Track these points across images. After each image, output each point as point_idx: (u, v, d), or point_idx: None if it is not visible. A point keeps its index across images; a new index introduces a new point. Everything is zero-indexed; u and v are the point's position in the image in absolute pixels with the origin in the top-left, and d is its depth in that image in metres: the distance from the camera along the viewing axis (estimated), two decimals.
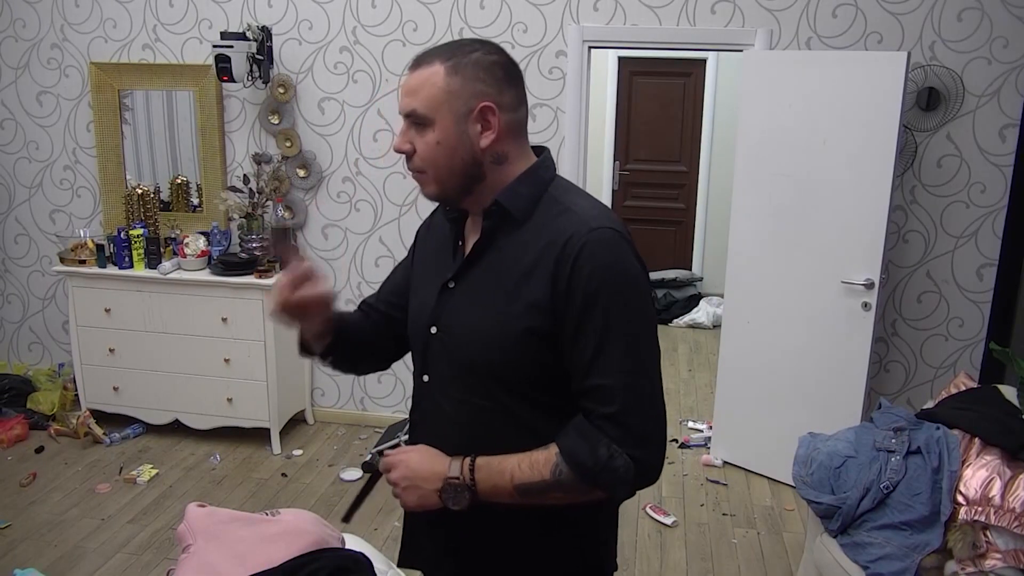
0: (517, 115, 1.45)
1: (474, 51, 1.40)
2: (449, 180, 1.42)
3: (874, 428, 2.85)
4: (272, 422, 4.24)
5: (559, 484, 1.35)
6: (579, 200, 1.43)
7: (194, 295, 4.13)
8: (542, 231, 1.39)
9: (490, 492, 1.38)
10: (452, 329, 1.47)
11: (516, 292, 1.38)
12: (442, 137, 1.38)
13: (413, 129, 1.41)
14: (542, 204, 1.43)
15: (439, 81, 1.37)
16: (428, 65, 1.39)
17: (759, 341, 3.95)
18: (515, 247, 1.41)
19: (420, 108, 1.38)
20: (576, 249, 1.33)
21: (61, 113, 4.57)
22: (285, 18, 4.22)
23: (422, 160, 1.41)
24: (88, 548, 3.40)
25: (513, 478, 1.36)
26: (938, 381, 4.05)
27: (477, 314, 1.43)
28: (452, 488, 1.38)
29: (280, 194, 4.33)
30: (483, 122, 1.39)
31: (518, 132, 1.46)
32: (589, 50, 4.07)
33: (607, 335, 1.33)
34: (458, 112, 1.37)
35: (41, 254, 4.79)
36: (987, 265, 3.90)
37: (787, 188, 3.76)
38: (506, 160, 1.43)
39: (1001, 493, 2.41)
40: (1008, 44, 3.68)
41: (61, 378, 4.71)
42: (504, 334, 1.38)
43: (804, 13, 3.81)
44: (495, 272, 1.43)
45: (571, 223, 1.37)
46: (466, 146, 1.39)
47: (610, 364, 1.33)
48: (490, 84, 1.39)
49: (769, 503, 3.87)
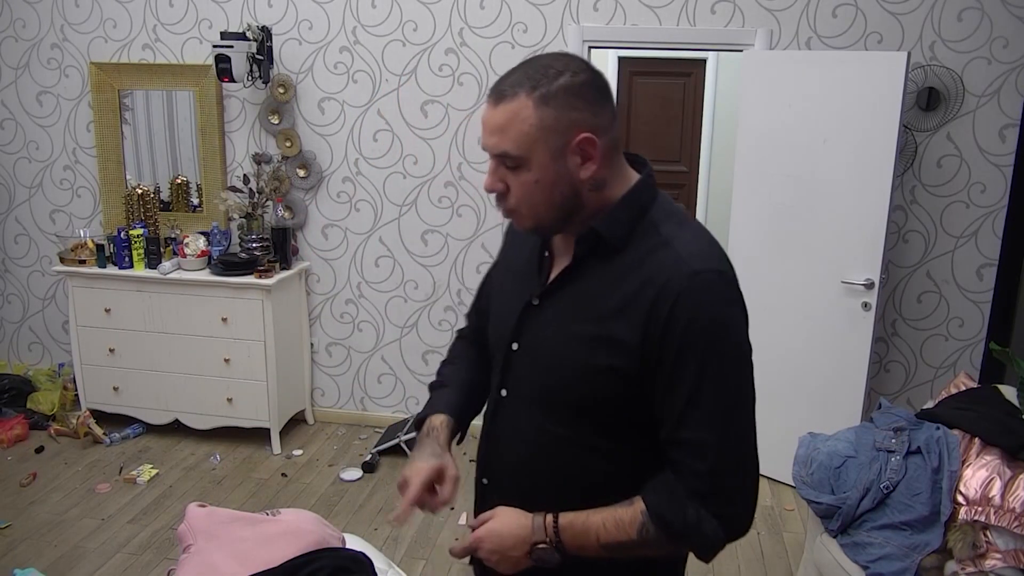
0: (612, 135, 1.32)
1: (560, 75, 1.26)
2: (547, 215, 1.33)
3: (874, 428, 2.85)
4: (272, 422, 4.24)
5: (645, 543, 1.31)
6: (682, 232, 1.33)
7: (194, 295, 4.13)
8: (639, 266, 1.30)
9: (576, 551, 1.35)
10: (534, 351, 1.41)
11: (605, 326, 1.30)
12: (540, 176, 1.28)
13: (503, 168, 1.31)
14: (640, 230, 1.33)
15: (529, 117, 1.25)
16: (513, 98, 1.26)
17: (759, 341, 3.89)
18: (608, 276, 1.33)
19: (512, 149, 1.27)
20: (675, 295, 1.25)
21: (61, 113, 4.57)
22: (285, 18, 4.22)
23: (517, 201, 1.32)
24: (88, 548, 3.40)
25: (599, 538, 1.33)
26: (938, 381, 4.05)
27: (561, 340, 1.36)
28: (541, 552, 1.35)
29: (280, 194, 4.33)
30: (582, 153, 1.28)
31: (614, 151, 1.34)
32: (589, 50, 4.06)
33: (703, 387, 1.26)
34: (555, 147, 1.26)
35: (41, 254, 4.79)
36: (987, 265, 3.90)
37: (787, 188, 3.76)
38: (605, 186, 1.33)
39: (1001, 493, 2.41)
40: (1008, 44, 3.68)
41: (61, 378, 4.71)
42: (587, 366, 1.32)
43: (804, 13, 3.81)
44: (584, 299, 1.35)
45: (671, 262, 1.28)
46: (565, 181, 1.29)
47: (704, 418, 1.26)
48: (583, 109, 1.26)
49: (769, 503, 3.87)
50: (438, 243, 4.36)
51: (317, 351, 4.60)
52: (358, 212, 4.39)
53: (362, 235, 4.42)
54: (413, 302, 4.47)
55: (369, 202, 4.37)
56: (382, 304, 4.49)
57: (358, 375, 4.59)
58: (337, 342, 4.59)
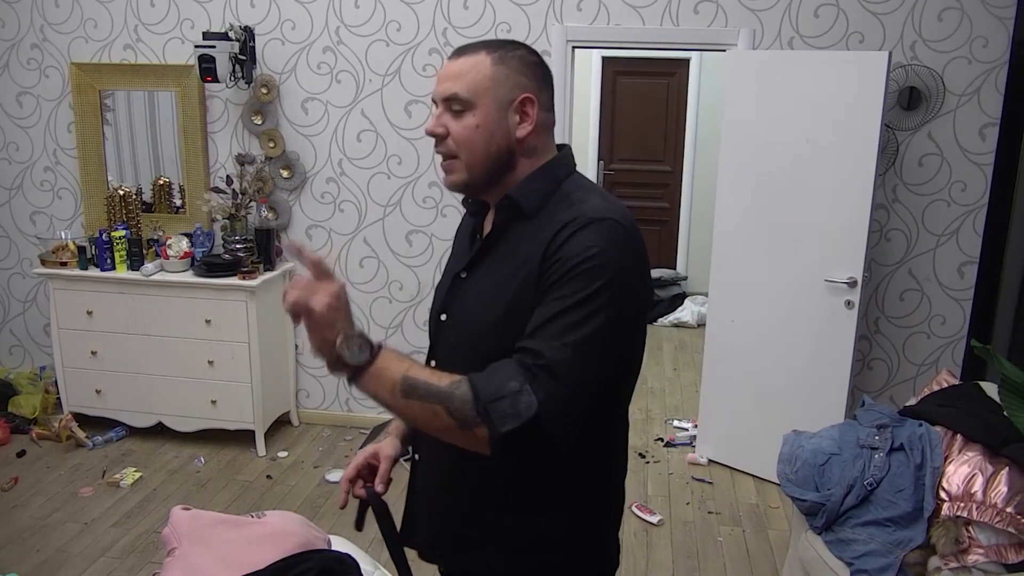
0: (549, 116, 1.49)
1: (518, 48, 1.46)
2: (481, 166, 1.44)
3: (858, 425, 2.87)
4: (257, 424, 4.22)
5: (449, 397, 1.26)
6: (590, 197, 1.43)
7: (177, 297, 4.10)
8: (547, 224, 1.40)
9: (382, 372, 1.30)
10: (459, 320, 1.50)
11: (514, 289, 1.39)
12: (482, 121, 1.41)
13: (449, 114, 1.43)
14: (553, 200, 1.44)
15: (485, 68, 1.41)
16: (473, 54, 1.43)
17: (743, 340, 3.97)
18: (522, 240, 1.43)
19: (463, 92, 1.41)
20: (570, 232, 1.34)
21: (41, 114, 4.53)
22: (268, 18, 4.20)
23: (456, 143, 1.43)
24: (71, 552, 3.37)
25: (410, 369, 1.31)
26: (920, 378, 4.08)
27: (478, 302, 1.46)
28: (357, 339, 1.30)
29: (264, 195, 4.31)
30: (522, 113, 1.43)
31: (548, 130, 1.49)
32: (573, 50, 4.07)
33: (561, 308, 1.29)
34: (501, 99, 1.41)
35: (22, 256, 4.74)
36: (968, 263, 3.94)
37: (770, 187, 3.78)
38: (534, 154, 1.47)
39: (983, 489, 2.43)
40: (988, 44, 3.71)
41: (43, 381, 4.67)
42: (501, 330, 1.38)
43: (786, 13, 3.83)
44: (500, 266, 1.45)
45: (573, 212, 1.38)
46: (503, 133, 1.43)
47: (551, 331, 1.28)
48: (532, 80, 1.44)
49: (754, 501, 3.89)
50: (423, 243, 4.35)
51: (302, 352, 4.58)
52: (342, 213, 4.38)
53: (346, 236, 4.40)
54: (398, 303, 4.46)
55: (353, 203, 4.36)
56: (367, 305, 4.48)
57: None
58: None
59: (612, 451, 1.55)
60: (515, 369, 1.28)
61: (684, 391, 5.29)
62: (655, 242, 7.39)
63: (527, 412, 1.24)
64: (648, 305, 1.48)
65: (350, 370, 1.32)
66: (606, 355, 1.33)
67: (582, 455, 1.46)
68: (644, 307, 1.44)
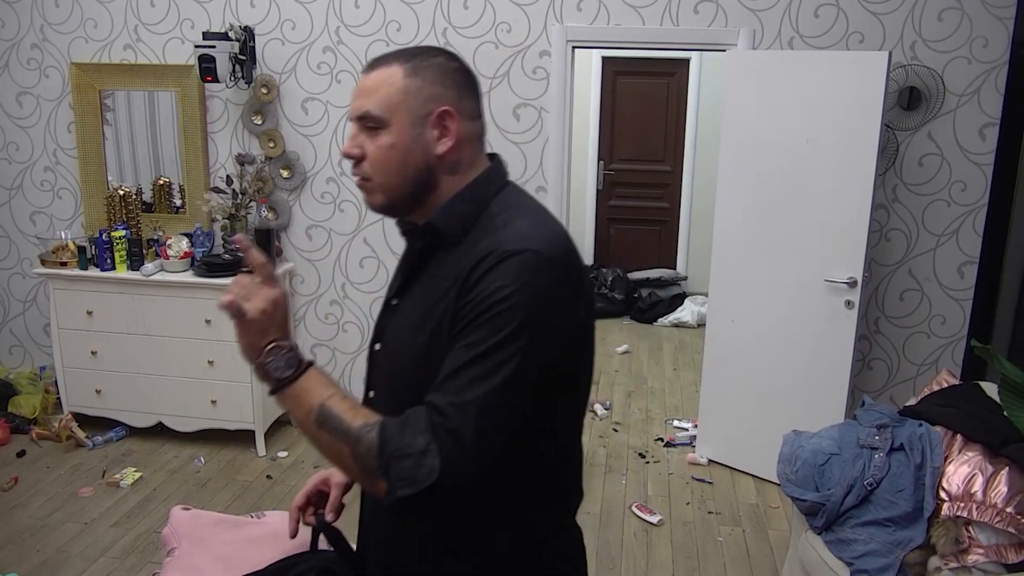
0: (475, 125, 1.38)
1: (435, 56, 1.36)
2: (399, 188, 1.35)
3: (858, 425, 2.87)
4: (257, 424, 4.22)
5: (356, 441, 1.23)
6: (517, 219, 1.33)
7: (177, 297, 4.10)
8: (469, 251, 1.29)
9: (302, 393, 1.28)
10: (390, 349, 1.43)
11: (433, 318, 1.31)
12: (396, 140, 1.32)
13: (364, 133, 1.35)
14: (479, 223, 1.34)
15: (397, 81, 1.31)
16: (386, 66, 1.33)
17: (743, 340, 3.97)
18: (445, 269, 1.33)
19: (375, 109, 1.32)
20: (484, 270, 1.24)
21: (41, 114, 4.53)
22: (268, 18, 4.20)
23: (372, 166, 1.35)
24: (71, 552, 3.37)
25: (330, 398, 1.27)
26: (920, 378, 4.08)
27: (405, 336, 1.38)
28: (286, 352, 1.30)
29: (264, 195, 4.31)
30: (441, 127, 1.33)
31: (474, 143, 1.39)
32: (573, 50, 4.07)
33: (468, 356, 1.22)
34: (416, 115, 1.32)
35: (22, 256, 4.74)
36: (968, 263, 3.94)
37: (770, 187, 3.78)
38: (458, 170, 1.37)
39: (983, 489, 2.43)
40: (988, 44, 3.71)
41: (43, 381, 4.67)
42: (421, 359, 1.31)
43: (786, 13, 3.83)
44: (424, 294, 1.37)
45: (492, 243, 1.27)
46: (421, 151, 1.33)
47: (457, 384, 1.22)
48: (451, 88, 1.34)
49: (754, 501, 3.89)
50: None
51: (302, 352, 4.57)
52: (342, 213, 4.38)
53: (346, 236, 4.40)
54: None
55: (353, 203, 4.36)
56: (367, 305, 4.48)
57: (343, 376, 4.58)
58: (322, 343, 4.57)
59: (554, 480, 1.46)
60: (425, 424, 1.21)
61: (684, 391, 5.29)
62: (655, 242, 7.40)
63: (426, 479, 1.19)
64: (584, 326, 1.36)
65: (271, 383, 1.30)
66: (519, 402, 1.25)
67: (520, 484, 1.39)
68: (576, 334, 1.33)
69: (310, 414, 1.27)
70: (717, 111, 5.54)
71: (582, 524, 1.54)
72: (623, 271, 7.08)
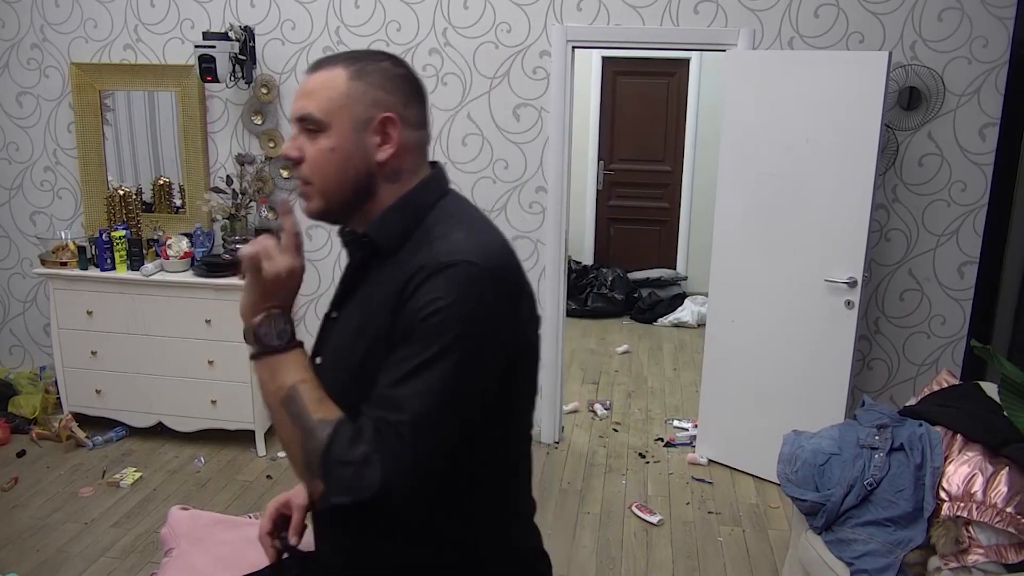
0: (419, 134, 1.37)
1: (381, 60, 1.33)
2: (337, 194, 1.33)
3: (858, 425, 2.87)
4: (257, 424, 4.22)
5: (310, 434, 1.22)
6: (453, 230, 1.31)
7: (177, 297, 4.10)
8: (406, 264, 1.28)
9: (280, 366, 1.27)
10: (329, 362, 1.41)
11: (369, 332, 1.30)
12: (337, 144, 1.30)
13: (304, 135, 1.32)
14: (416, 235, 1.32)
15: (340, 84, 1.29)
16: (330, 68, 1.31)
17: (743, 340, 3.97)
18: (381, 281, 1.32)
19: (316, 111, 1.29)
20: (418, 283, 1.23)
21: (41, 114, 4.53)
22: (268, 18, 4.20)
23: (310, 169, 1.32)
24: (71, 552, 3.37)
25: (302, 383, 1.26)
26: (920, 378, 4.08)
27: (345, 347, 1.36)
28: (284, 323, 1.30)
29: (264, 195, 4.31)
30: (382, 134, 1.31)
31: (417, 152, 1.37)
32: (573, 50, 4.07)
33: (407, 369, 1.21)
34: (357, 119, 1.29)
35: (22, 256, 4.74)
36: (968, 263, 3.94)
37: (770, 187, 3.78)
38: (398, 179, 1.35)
39: (983, 489, 2.43)
40: (988, 44, 3.71)
41: (43, 381, 4.67)
42: (358, 372, 1.30)
43: (786, 13, 3.83)
44: (361, 306, 1.35)
45: (426, 256, 1.26)
46: (360, 157, 1.31)
47: (396, 398, 1.21)
48: (395, 95, 1.32)
49: (754, 501, 3.89)
50: None
51: None
52: None
53: None
54: None
55: None
56: None
57: None
58: None
59: (503, 496, 1.44)
60: (372, 436, 1.20)
61: (684, 391, 5.29)
62: (655, 242, 7.40)
63: (363, 492, 1.18)
64: (525, 335, 1.35)
65: (257, 346, 1.29)
66: (457, 416, 1.24)
67: (465, 499, 1.38)
68: (515, 344, 1.32)
69: (280, 390, 1.27)
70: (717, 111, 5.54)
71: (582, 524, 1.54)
72: (623, 271, 7.08)
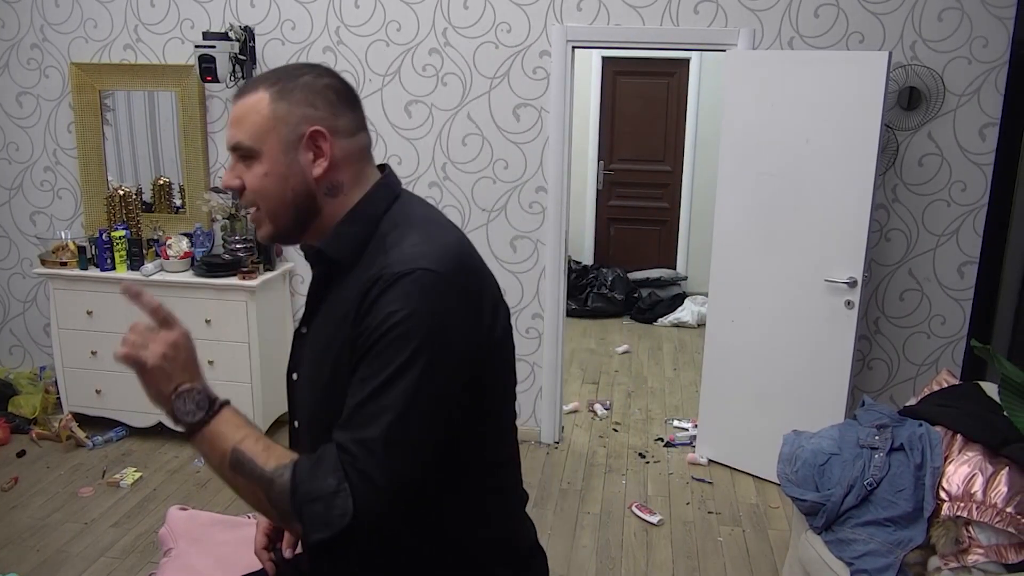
0: (355, 141, 1.34)
1: (303, 75, 1.31)
2: (282, 216, 1.33)
3: (858, 425, 2.86)
4: (257, 424, 4.20)
5: (269, 484, 1.21)
6: (408, 235, 1.30)
7: (177, 297, 4.10)
8: (363, 275, 1.27)
9: (215, 435, 1.25)
10: (303, 378, 1.42)
11: (333, 346, 1.30)
12: (270, 168, 1.29)
13: (241, 163, 1.32)
14: (372, 244, 1.31)
15: (263, 108, 1.28)
16: (252, 93, 1.29)
17: (743, 340, 3.96)
18: (342, 294, 1.32)
19: (244, 139, 1.29)
20: (374, 297, 1.22)
21: (41, 114, 4.53)
22: (268, 18, 4.20)
23: (253, 196, 1.32)
24: (71, 552, 3.37)
25: (243, 441, 1.24)
26: (920, 378, 4.08)
27: (313, 363, 1.37)
28: (197, 395, 1.26)
29: None
30: (314, 149, 1.29)
31: (357, 159, 1.35)
32: (573, 50, 4.07)
33: (369, 388, 1.20)
34: (286, 140, 1.28)
35: (22, 256, 4.74)
36: (968, 263, 3.93)
37: (770, 187, 3.78)
38: (340, 191, 1.33)
39: (983, 489, 2.43)
40: (988, 44, 3.71)
41: (43, 381, 4.67)
42: (327, 387, 1.30)
43: (786, 13, 3.83)
44: (325, 320, 1.35)
45: (381, 267, 1.25)
46: (297, 176, 1.30)
47: (361, 419, 1.20)
48: (321, 108, 1.30)
49: (754, 501, 3.89)
50: None
51: None
52: None
53: None
54: None
55: None
56: None
57: None
58: None
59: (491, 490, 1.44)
60: (334, 463, 1.19)
61: (684, 391, 5.29)
62: (655, 242, 7.40)
63: (340, 521, 1.17)
64: (490, 336, 1.32)
65: (184, 427, 1.27)
66: (426, 429, 1.23)
67: (458, 497, 1.37)
68: (482, 346, 1.30)
69: (224, 458, 1.24)
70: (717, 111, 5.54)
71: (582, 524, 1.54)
72: (623, 271, 7.08)
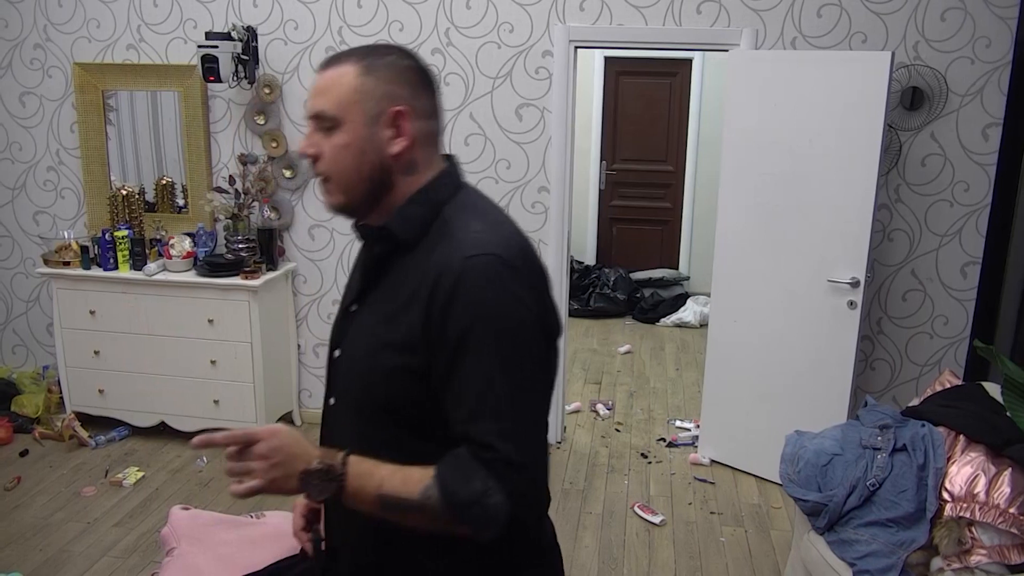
0: (431, 124, 1.38)
1: (389, 54, 1.36)
2: (356, 188, 1.35)
3: (860, 426, 2.86)
4: (259, 424, 4.22)
5: (424, 508, 1.24)
6: (470, 222, 1.33)
7: (180, 296, 4.11)
8: (425, 262, 1.30)
9: (356, 492, 1.27)
10: (349, 356, 1.42)
11: (394, 326, 1.31)
12: (350, 139, 1.32)
13: (320, 132, 1.34)
14: (435, 227, 1.34)
15: (350, 81, 1.32)
16: (340, 65, 1.33)
17: (746, 340, 3.96)
18: (402, 275, 1.34)
19: (328, 108, 1.32)
20: (450, 284, 1.24)
21: (44, 114, 4.54)
22: (271, 18, 4.20)
23: (327, 165, 1.35)
24: (74, 552, 3.37)
25: (381, 486, 1.26)
26: (923, 379, 4.07)
27: (365, 343, 1.37)
28: (319, 473, 1.26)
29: (266, 195, 4.31)
30: (395, 127, 1.33)
31: (430, 142, 1.39)
32: (575, 50, 4.07)
33: (486, 374, 1.23)
34: (369, 114, 1.32)
35: (25, 256, 4.75)
36: (971, 263, 3.93)
37: (773, 187, 3.77)
38: (414, 170, 1.37)
39: (986, 489, 2.43)
40: (991, 44, 3.70)
41: (46, 381, 4.67)
42: (383, 367, 1.32)
43: (789, 13, 3.83)
44: (383, 300, 1.36)
45: (449, 251, 1.28)
46: (375, 151, 1.33)
47: (491, 405, 1.23)
48: (405, 88, 1.34)
49: (756, 501, 3.88)
50: None
51: (304, 352, 4.58)
52: None
53: (349, 235, 4.40)
54: None
55: None
56: None
57: None
58: (324, 343, 4.57)
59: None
60: (474, 464, 1.22)
61: (686, 391, 5.28)
62: (657, 242, 7.40)
63: (501, 515, 1.22)
64: (556, 320, 1.37)
65: (329, 495, 1.28)
66: (542, 404, 1.31)
67: None
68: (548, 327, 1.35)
69: (376, 507, 1.28)
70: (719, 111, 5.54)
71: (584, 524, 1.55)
72: (625, 271, 7.07)
